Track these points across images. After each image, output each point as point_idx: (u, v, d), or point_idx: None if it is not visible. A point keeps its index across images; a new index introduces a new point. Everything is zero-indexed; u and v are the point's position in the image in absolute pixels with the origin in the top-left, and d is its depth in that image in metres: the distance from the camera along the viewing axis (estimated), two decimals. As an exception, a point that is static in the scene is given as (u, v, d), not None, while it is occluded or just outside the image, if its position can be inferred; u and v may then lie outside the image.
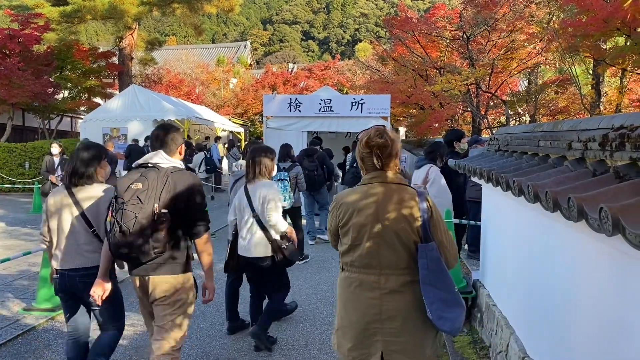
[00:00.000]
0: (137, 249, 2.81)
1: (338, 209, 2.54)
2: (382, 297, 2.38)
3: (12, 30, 17.93)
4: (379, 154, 2.44)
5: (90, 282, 3.11)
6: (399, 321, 2.36)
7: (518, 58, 14.25)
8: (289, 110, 11.30)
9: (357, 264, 2.46)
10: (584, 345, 2.35)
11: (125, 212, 2.80)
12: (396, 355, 2.36)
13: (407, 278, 2.39)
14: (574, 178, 2.25)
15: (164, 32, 61.39)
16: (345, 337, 2.48)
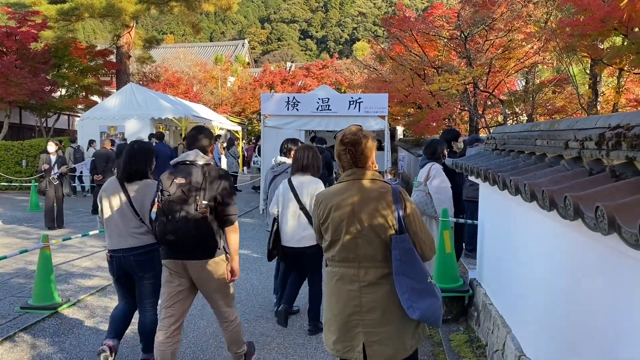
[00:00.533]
0: (181, 236, 3.27)
1: (318, 207, 2.65)
2: (361, 290, 2.47)
3: (9, 28, 17.89)
4: (353, 152, 2.55)
5: (140, 260, 3.71)
6: (379, 312, 2.44)
7: (515, 57, 14.26)
8: (286, 109, 11.29)
9: (337, 258, 2.55)
10: (580, 344, 2.35)
11: (171, 203, 3.27)
12: (377, 346, 2.44)
13: (385, 270, 2.47)
14: (571, 177, 2.25)
15: (162, 30, 61.32)
16: (330, 330, 2.56)
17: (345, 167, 2.61)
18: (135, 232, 3.70)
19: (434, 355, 4.24)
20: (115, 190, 3.76)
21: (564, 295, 2.55)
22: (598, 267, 2.15)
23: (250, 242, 8.67)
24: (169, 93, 23.05)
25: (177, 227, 3.26)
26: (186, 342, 4.45)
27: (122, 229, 3.72)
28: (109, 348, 3.72)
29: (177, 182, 3.31)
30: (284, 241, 4.51)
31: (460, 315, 4.82)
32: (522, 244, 3.35)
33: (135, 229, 3.70)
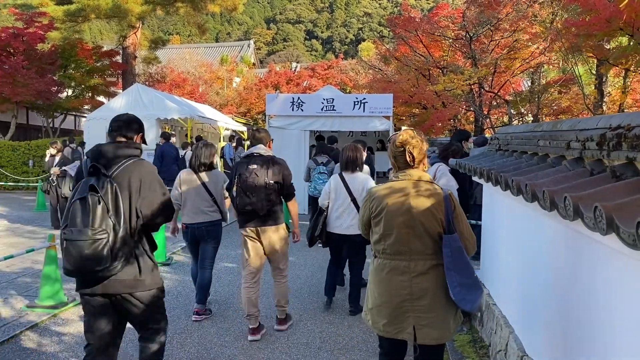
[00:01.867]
0: (256, 206, 4.35)
1: (371, 202, 2.92)
2: (412, 280, 2.77)
3: (16, 29, 18.01)
4: (412, 153, 2.83)
5: (210, 231, 5.06)
6: (428, 299, 2.74)
7: (521, 58, 14.22)
8: (291, 110, 11.31)
9: (389, 251, 2.83)
10: (582, 344, 2.36)
11: (248, 183, 4.33)
12: (426, 329, 2.74)
13: (433, 262, 2.77)
14: (572, 177, 2.26)
15: (168, 31, 61.50)
16: (380, 315, 2.85)
17: (401, 167, 2.89)
18: (208, 210, 5.00)
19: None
20: (192, 178, 5.02)
21: (566, 295, 2.56)
22: (600, 267, 2.16)
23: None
24: (174, 93, 23.10)
25: (253, 200, 4.34)
26: (191, 341, 4.48)
27: (197, 208, 4.98)
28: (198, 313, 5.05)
29: (251, 168, 4.38)
30: (332, 228, 5.13)
31: (464, 316, 4.81)
32: (525, 245, 3.35)
33: (207, 208, 5.00)
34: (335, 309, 5.41)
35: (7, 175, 15.78)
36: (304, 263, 7.26)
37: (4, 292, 5.76)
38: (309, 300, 5.68)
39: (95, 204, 2.75)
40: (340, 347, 4.42)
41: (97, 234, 2.72)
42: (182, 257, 7.55)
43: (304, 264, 7.23)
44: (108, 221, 2.76)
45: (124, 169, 2.94)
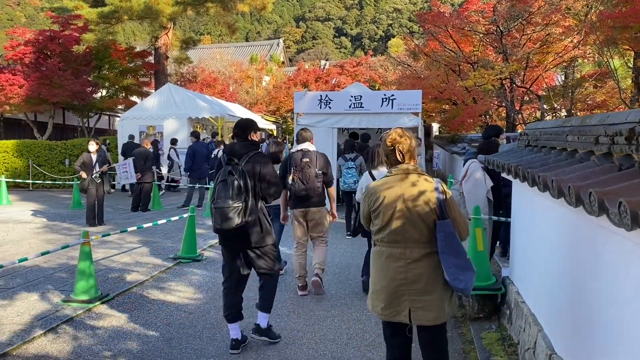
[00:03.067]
0: (309, 192, 5.54)
1: (369, 197, 3.12)
2: (407, 266, 2.96)
3: (53, 32, 18.53)
4: (401, 150, 3.05)
5: (275, 212, 6.03)
6: (422, 284, 2.93)
7: (554, 52, 13.92)
8: (319, 107, 11.32)
9: (387, 240, 3.02)
10: (610, 343, 2.32)
11: (304, 172, 5.51)
12: (421, 311, 2.94)
13: (427, 250, 2.95)
14: (599, 173, 2.22)
15: (199, 31, 62.24)
16: (378, 299, 3.04)
17: (392, 163, 3.11)
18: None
19: (465, 353, 4.22)
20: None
21: (594, 293, 2.51)
22: (630, 265, 2.11)
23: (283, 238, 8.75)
24: (205, 93, 23.43)
25: (306, 187, 5.51)
26: (220, 336, 4.55)
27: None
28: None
29: (305, 161, 5.54)
30: None
31: (493, 314, 4.77)
32: (554, 242, 3.30)
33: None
34: (363, 306, 5.42)
35: (44, 174, 16.26)
36: (331, 261, 7.28)
37: (42, 286, 5.95)
38: (336, 297, 5.70)
39: (232, 183, 4.03)
40: (367, 344, 4.43)
41: (234, 203, 4.00)
42: (212, 254, 7.66)
43: (330, 261, 7.25)
44: (241, 195, 4.03)
45: (249, 160, 4.17)
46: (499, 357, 3.94)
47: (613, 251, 2.27)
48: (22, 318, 4.96)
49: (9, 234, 9.01)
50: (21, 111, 18.25)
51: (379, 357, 4.16)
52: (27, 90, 16.96)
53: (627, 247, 2.04)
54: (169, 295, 5.77)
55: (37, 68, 17.60)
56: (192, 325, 4.83)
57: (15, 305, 5.33)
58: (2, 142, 16.82)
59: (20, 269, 6.60)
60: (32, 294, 5.66)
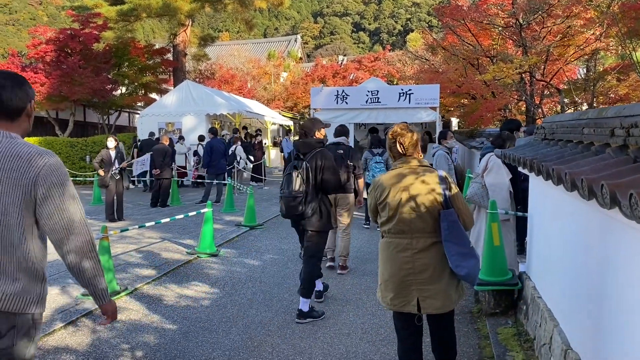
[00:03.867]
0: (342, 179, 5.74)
1: (376, 190, 3.20)
2: (413, 256, 3.04)
3: (73, 30, 18.80)
4: (402, 143, 3.15)
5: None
6: (429, 273, 3.02)
7: (575, 44, 13.67)
8: (335, 103, 11.34)
9: (393, 231, 3.11)
10: (626, 338, 2.28)
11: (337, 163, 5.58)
12: (429, 300, 3.02)
13: (433, 239, 3.04)
14: (613, 165, 2.18)
15: (217, 28, 62.57)
16: (387, 289, 3.14)
17: (396, 156, 3.21)
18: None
19: (480, 348, 4.19)
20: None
21: (612, 289, 2.48)
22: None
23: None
24: (223, 89, 23.55)
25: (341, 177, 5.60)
26: (236, 330, 4.60)
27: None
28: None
29: (339, 152, 6.19)
30: None
31: (509, 309, 4.73)
32: (568, 236, 3.26)
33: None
34: (377, 300, 5.41)
35: (66, 171, 16.53)
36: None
37: (62, 281, 6.06)
38: (351, 292, 5.70)
39: (296, 177, 4.67)
40: (382, 339, 4.43)
41: (297, 194, 4.66)
42: (230, 249, 7.72)
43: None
44: (303, 187, 4.67)
45: (313, 156, 4.79)
46: (514, 353, 3.91)
47: (628, 245, 2.24)
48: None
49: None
50: (43, 109, 18.56)
51: (394, 352, 4.15)
52: (48, 88, 17.24)
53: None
54: (186, 289, 5.83)
55: (58, 66, 17.88)
56: (208, 319, 4.87)
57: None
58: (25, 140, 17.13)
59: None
60: (52, 287, 5.77)
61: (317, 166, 4.74)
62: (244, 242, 8.33)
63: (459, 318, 4.68)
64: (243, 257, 7.35)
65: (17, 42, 41.71)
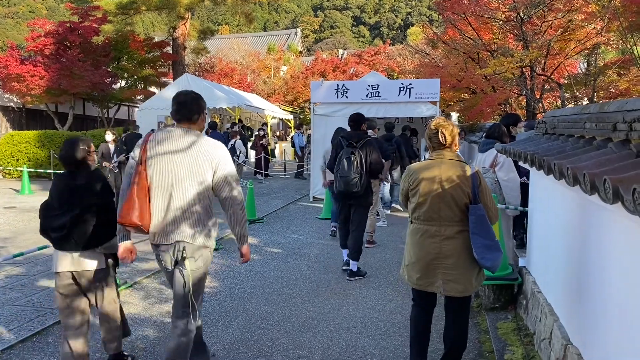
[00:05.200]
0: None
1: (410, 176, 3.42)
2: (441, 242, 3.26)
3: (72, 23, 18.69)
4: (444, 134, 3.32)
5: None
6: (454, 259, 3.24)
7: (576, 39, 13.62)
8: (336, 97, 11.28)
9: (423, 218, 3.33)
10: (626, 334, 2.28)
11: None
12: (452, 283, 3.25)
13: (459, 228, 3.25)
14: (616, 160, 2.17)
15: (217, 21, 62.36)
16: (414, 270, 3.38)
17: (435, 147, 3.39)
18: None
19: (480, 343, 4.19)
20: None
21: (611, 283, 2.47)
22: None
23: (299, 226, 8.79)
24: (223, 83, 23.48)
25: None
26: (235, 324, 4.60)
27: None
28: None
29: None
30: None
31: (509, 304, 4.73)
32: (569, 231, 3.25)
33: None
34: (378, 295, 5.42)
35: (66, 164, 16.49)
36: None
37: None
38: (351, 286, 5.70)
39: (354, 160, 5.69)
40: (382, 333, 4.43)
41: (354, 174, 5.68)
42: (229, 243, 7.72)
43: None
44: (358, 169, 5.69)
45: (362, 144, 5.82)
46: (514, 347, 3.91)
47: (629, 240, 2.23)
48: (42, 304, 5.06)
49: (30, 223, 9.17)
50: (42, 102, 18.50)
51: (393, 346, 4.16)
52: (47, 81, 17.17)
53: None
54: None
55: (58, 59, 17.79)
56: (207, 313, 4.87)
57: (36, 292, 5.44)
58: (24, 133, 17.09)
59: (41, 257, 6.72)
60: (52, 281, 5.75)
61: (367, 153, 5.78)
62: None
63: (459, 312, 4.68)
64: (243, 251, 7.33)
65: (16, 35, 41.57)
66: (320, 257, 6.94)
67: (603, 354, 2.57)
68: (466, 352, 4.00)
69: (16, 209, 10.70)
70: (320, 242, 7.74)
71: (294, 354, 4.03)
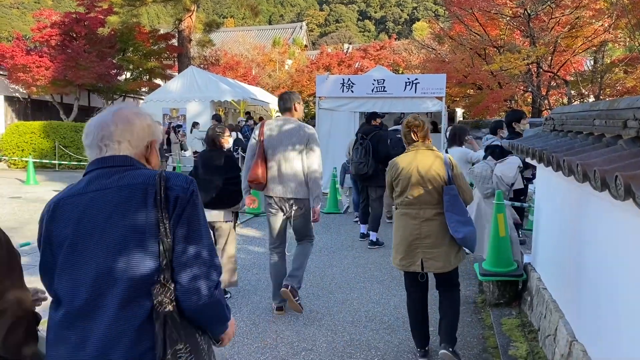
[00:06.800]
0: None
1: (392, 168, 3.82)
2: (421, 224, 3.63)
3: (78, 14, 18.70)
4: (415, 131, 3.77)
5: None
6: (433, 239, 3.60)
7: (583, 36, 13.58)
8: (341, 91, 11.26)
9: (405, 203, 3.71)
10: (635, 331, 2.28)
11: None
12: (431, 261, 3.61)
13: (437, 210, 3.62)
14: (626, 157, 2.16)
15: (222, 14, 62.16)
16: (397, 252, 3.73)
17: (410, 142, 3.81)
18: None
19: (484, 339, 4.20)
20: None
21: (617, 280, 2.47)
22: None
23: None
24: (228, 76, 23.42)
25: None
26: (240, 316, 4.61)
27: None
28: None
29: (398, 136, 6.05)
30: None
31: (513, 300, 4.73)
32: (575, 228, 3.25)
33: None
34: (382, 290, 5.43)
35: (70, 155, 16.55)
36: (350, 245, 7.30)
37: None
38: (355, 280, 5.72)
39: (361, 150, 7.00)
40: (386, 327, 4.44)
41: (361, 160, 6.97)
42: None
43: (350, 245, 7.27)
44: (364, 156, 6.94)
45: (373, 136, 7.08)
46: (518, 343, 3.91)
47: (638, 238, 2.23)
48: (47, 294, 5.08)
49: (36, 213, 9.20)
50: (48, 93, 18.52)
51: (398, 340, 4.18)
52: (53, 72, 17.19)
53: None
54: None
55: (63, 50, 17.81)
56: (212, 305, 4.89)
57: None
58: (30, 123, 17.14)
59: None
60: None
61: (376, 142, 6.99)
62: (248, 228, 8.34)
63: (463, 308, 4.67)
64: (247, 243, 7.37)
65: (22, 26, 41.56)
66: (324, 250, 6.95)
67: (609, 351, 2.58)
68: (470, 348, 4.02)
69: (22, 199, 10.74)
70: (324, 236, 7.75)
71: (299, 346, 4.05)
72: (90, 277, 1.47)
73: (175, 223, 1.50)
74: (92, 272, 1.47)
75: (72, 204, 1.55)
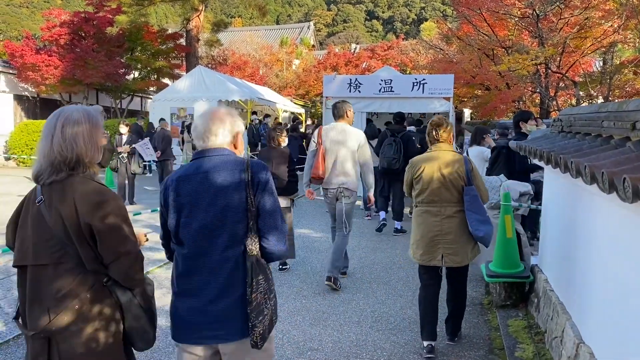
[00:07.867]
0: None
1: (413, 167, 4.01)
2: (442, 220, 3.84)
3: (87, 14, 18.82)
4: (439, 131, 3.95)
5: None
6: (453, 235, 3.81)
7: (592, 37, 13.50)
8: (348, 91, 11.24)
9: (426, 201, 3.91)
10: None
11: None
12: (451, 256, 3.82)
13: (457, 208, 3.84)
14: (635, 159, 2.15)
15: (230, 13, 62.27)
16: (418, 247, 3.92)
17: (432, 142, 4.02)
18: None
19: (491, 340, 4.19)
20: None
21: (625, 283, 2.46)
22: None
23: (310, 221, 8.81)
24: (235, 76, 23.46)
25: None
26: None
27: None
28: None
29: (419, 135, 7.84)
30: None
31: (520, 301, 4.71)
32: (583, 230, 3.23)
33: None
34: (388, 290, 5.43)
35: (79, 154, 16.63)
36: (357, 245, 7.30)
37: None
38: (361, 280, 5.72)
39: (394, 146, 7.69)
40: (392, 327, 4.44)
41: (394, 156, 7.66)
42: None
43: (356, 245, 7.27)
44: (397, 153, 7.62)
45: (402, 135, 7.83)
46: (525, 345, 3.90)
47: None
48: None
49: (44, 211, 9.27)
50: (56, 92, 18.65)
51: (404, 341, 4.17)
52: (62, 71, 17.30)
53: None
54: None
55: (72, 49, 17.92)
56: (219, 304, 4.90)
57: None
58: (39, 122, 17.25)
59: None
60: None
61: (406, 141, 7.75)
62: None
63: (470, 309, 4.68)
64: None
65: (31, 25, 41.83)
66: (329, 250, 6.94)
67: (617, 354, 2.56)
68: (477, 349, 4.02)
69: (30, 197, 10.81)
70: (330, 236, 7.74)
71: (305, 346, 4.05)
72: (203, 230, 2.17)
73: (258, 197, 2.18)
74: (204, 227, 2.17)
75: (188, 181, 2.21)
